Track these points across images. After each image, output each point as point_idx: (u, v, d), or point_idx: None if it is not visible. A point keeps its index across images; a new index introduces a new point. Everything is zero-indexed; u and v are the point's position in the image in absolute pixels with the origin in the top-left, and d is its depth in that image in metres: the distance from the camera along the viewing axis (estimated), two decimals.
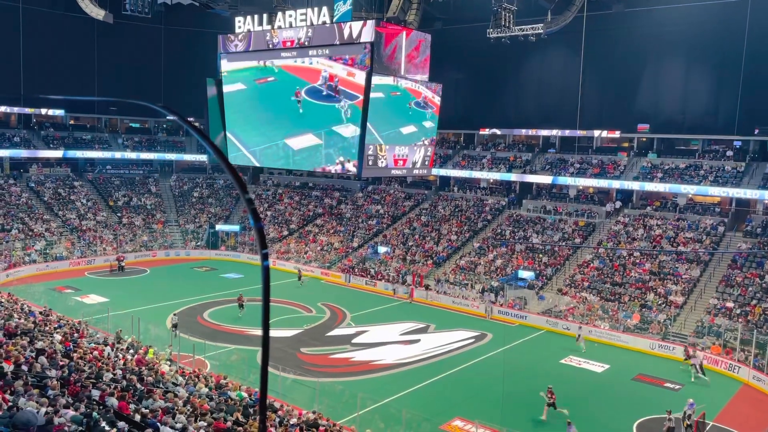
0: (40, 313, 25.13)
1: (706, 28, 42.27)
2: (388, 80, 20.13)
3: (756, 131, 41.10)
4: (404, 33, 20.61)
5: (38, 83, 53.06)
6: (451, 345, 31.02)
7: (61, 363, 15.92)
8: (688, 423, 21.66)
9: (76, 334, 21.78)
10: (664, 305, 33.98)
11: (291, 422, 16.22)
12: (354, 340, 31.23)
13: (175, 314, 30.65)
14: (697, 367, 27.63)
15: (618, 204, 44.27)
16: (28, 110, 53.83)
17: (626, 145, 48.02)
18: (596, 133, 47.14)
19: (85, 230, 49.14)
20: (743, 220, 39.40)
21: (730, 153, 42.28)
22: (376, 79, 19.37)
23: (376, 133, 19.86)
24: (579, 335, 31.85)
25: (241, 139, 22.31)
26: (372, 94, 19.30)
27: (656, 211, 42.21)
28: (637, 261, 38.20)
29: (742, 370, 28.07)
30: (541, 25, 40.13)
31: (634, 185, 43.23)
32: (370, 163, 20.04)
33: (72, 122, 59.51)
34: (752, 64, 39.49)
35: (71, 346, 18.83)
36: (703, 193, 40.50)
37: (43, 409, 11.19)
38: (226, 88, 22.68)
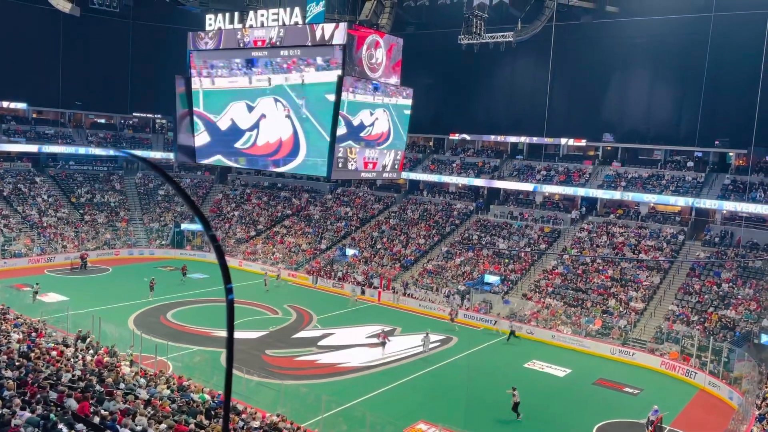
0: None
1: (670, 41, 43.42)
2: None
3: (716, 143, 42.34)
4: (376, 36, 20.68)
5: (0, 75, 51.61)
6: (416, 348, 31.14)
7: (18, 363, 15.52)
8: (651, 429, 22.21)
9: (34, 334, 21.25)
10: (625, 311, 34.71)
11: (254, 425, 16.09)
12: (320, 343, 31.14)
13: (37, 283, 34.59)
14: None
15: (583, 211, 45.10)
16: None
17: (592, 153, 48.95)
18: (563, 140, 47.97)
19: (45, 227, 47.95)
20: (702, 229, 40.52)
21: (690, 164, 43.45)
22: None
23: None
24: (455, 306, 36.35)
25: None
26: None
27: (619, 219, 43.12)
28: (600, 267, 38.95)
29: (698, 376, 28.84)
30: (512, 33, 40.68)
31: (599, 193, 44.09)
32: (340, 165, 20.03)
33: (35, 116, 58.04)
34: (713, 78, 40.67)
35: (30, 346, 18.36)
36: (665, 202, 41.52)
37: None
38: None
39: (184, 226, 52.62)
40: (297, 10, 20.76)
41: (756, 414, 22.40)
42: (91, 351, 21.22)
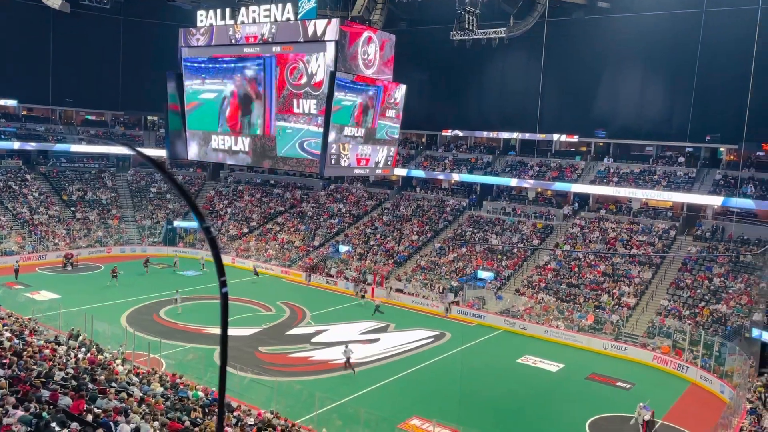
0: None
1: (661, 38, 43.54)
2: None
3: (707, 138, 42.53)
4: (369, 32, 20.63)
5: None
6: (410, 344, 31.20)
7: (9, 361, 15.44)
8: (640, 423, 22.41)
9: (25, 332, 21.13)
10: (617, 306, 34.88)
11: (248, 422, 16.08)
12: (313, 339, 31.13)
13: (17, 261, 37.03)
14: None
15: (575, 206, 45.23)
16: None
17: (584, 149, 49.09)
18: (555, 136, 48.08)
19: (36, 225, 47.65)
20: (694, 224, 40.72)
21: (682, 159, 43.65)
22: None
23: None
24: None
25: None
26: None
27: (611, 214, 43.28)
28: (592, 263, 39.09)
29: (690, 370, 29.03)
30: (504, 29, 40.65)
31: (590, 189, 44.18)
32: (333, 161, 19.99)
33: (25, 113, 57.61)
34: (704, 74, 40.81)
35: (21, 344, 18.26)
36: (656, 198, 41.70)
37: None
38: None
39: (177, 223, 52.42)
40: (289, 6, 20.68)
41: (747, 408, 22.60)
42: (83, 349, 21.13)
